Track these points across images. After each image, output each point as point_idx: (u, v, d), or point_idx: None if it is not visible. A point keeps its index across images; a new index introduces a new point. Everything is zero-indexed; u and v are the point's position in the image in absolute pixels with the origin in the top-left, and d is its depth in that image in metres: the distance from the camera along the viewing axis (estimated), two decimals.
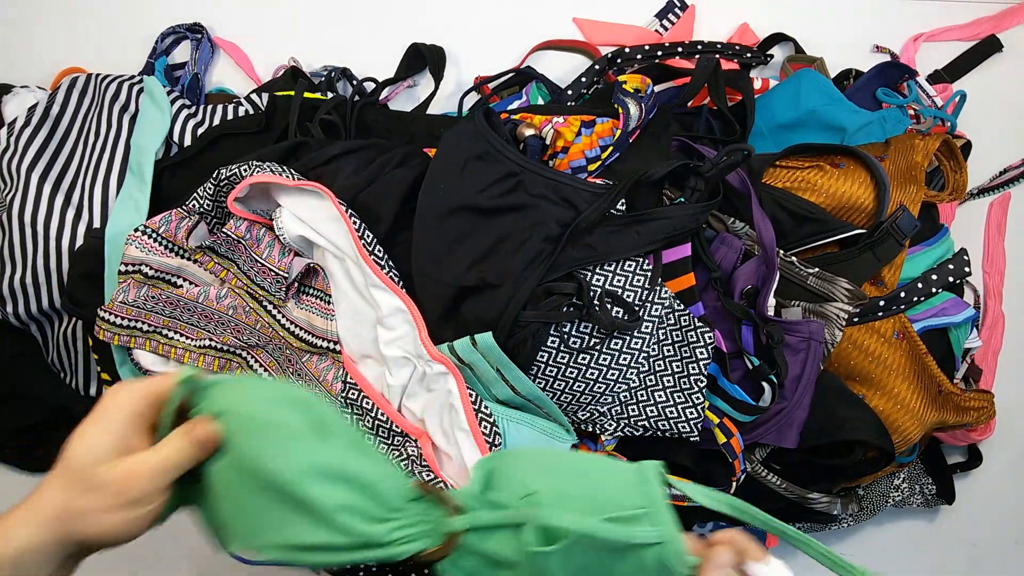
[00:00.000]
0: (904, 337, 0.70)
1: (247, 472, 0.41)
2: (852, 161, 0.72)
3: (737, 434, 0.64)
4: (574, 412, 0.65)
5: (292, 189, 0.63)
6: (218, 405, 0.42)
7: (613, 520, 0.41)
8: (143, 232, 0.65)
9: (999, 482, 0.89)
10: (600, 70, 0.82)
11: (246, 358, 0.66)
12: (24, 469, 0.83)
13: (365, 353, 0.64)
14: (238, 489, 0.41)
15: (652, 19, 0.89)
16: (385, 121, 0.79)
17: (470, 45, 0.87)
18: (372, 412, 0.62)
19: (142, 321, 0.64)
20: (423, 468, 0.59)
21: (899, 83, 0.85)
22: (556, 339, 0.61)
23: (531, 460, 0.45)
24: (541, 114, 0.71)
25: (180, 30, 0.85)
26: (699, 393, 0.62)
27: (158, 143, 0.73)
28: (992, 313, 0.86)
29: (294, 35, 0.87)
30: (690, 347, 0.63)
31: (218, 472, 0.42)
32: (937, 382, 0.71)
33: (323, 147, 0.69)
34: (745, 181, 0.69)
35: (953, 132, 0.83)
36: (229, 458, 0.41)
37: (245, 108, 0.78)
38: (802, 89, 0.79)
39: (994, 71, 0.90)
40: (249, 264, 0.65)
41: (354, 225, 0.61)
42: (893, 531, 0.89)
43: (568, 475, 0.44)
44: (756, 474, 0.71)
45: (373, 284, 0.62)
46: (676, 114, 0.76)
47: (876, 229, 0.68)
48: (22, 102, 0.76)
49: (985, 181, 0.88)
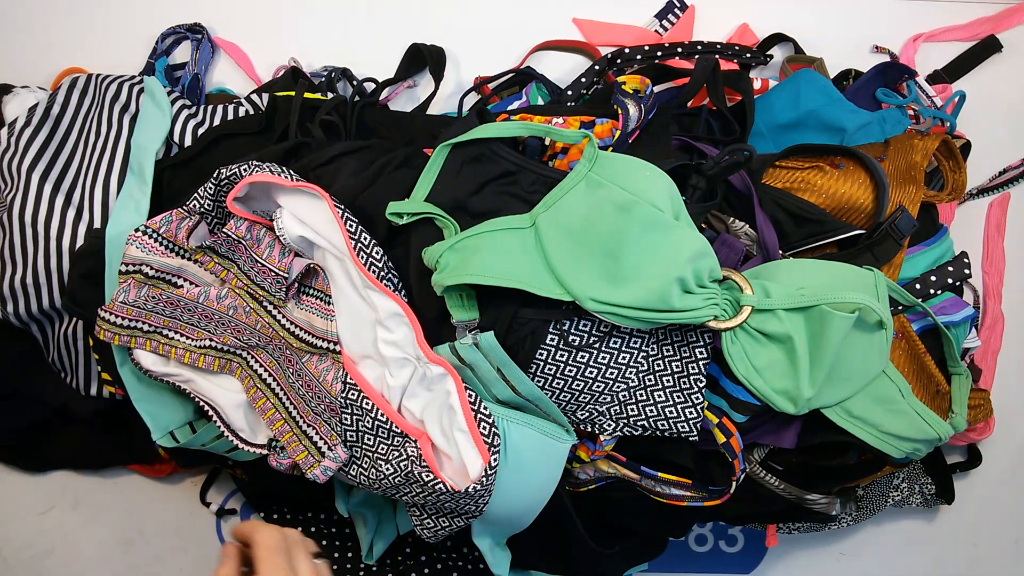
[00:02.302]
0: (903, 337, 0.70)
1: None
2: (852, 162, 0.72)
3: (736, 434, 0.64)
4: (573, 412, 0.65)
5: (291, 190, 0.63)
6: None
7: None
8: (144, 232, 0.65)
9: (999, 482, 0.89)
10: (600, 71, 0.82)
11: (246, 358, 0.66)
12: (24, 469, 0.83)
13: (365, 354, 0.64)
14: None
15: (652, 19, 0.89)
16: (385, 121, 0.79)
17: (470, 45, 0.87)
18: (372, 412, 0.62)
19: (142, 321, 0.64)
20: (423, 468, 0.59)
21: (899, 83, 0.85)
22: (555, 336, 0.61)
23: (791, 269, 0.63)
24: (541, 115, 0.71)
25: (180, 30, 0.85)
26: (699, 393, 0.62)
27: (158, 143, 0.73)
28: (992, 313, 0.86)
29: (294, 35, 0.87)
30: (690, 347, 0.63)
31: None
32: (935, 382, 0.71)
33: (323, 147, 0.69)
34: (746, 181, 0.69)
35: (952, 132, 0.83)
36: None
37: (245, 108, 0.78)
38: (802, 89, 0.79)
39: (994, 71, 0.90)
40: (249, 264, 0.65)
41: (349, 228, 0.61)
42: (893, 531, 0.89)
43: (822, 275, 0.62)
44: (754, 475, 0.71)
45: (368, 286, 0.62)
46: (675, 114, 0.76)
47: (875, 229, 0.69)
48: (23, 102, 0.76)
49: (984, 181, 0.88)
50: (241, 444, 0.65)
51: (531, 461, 0.62)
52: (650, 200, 0.58)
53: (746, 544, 0.88)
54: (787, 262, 0.66)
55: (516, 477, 0.61)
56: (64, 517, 0.83)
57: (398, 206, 0.62)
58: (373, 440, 0.63)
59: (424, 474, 0.59)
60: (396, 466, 0.60)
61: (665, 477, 0.66)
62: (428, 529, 0.65)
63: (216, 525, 0.84)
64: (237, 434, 0.65)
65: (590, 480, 0.70)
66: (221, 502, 0.84)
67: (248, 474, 0.77)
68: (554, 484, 0.64)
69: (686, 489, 0.66)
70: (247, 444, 0.65)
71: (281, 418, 0.65)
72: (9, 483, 0.83)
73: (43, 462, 0.83)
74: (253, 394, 0.65)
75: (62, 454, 0.81)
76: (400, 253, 0.65)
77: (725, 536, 0.88)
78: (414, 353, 0.61)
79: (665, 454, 0.67)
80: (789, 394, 0.61)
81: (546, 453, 0.62)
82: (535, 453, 0.62)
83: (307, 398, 0.64)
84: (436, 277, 0.59)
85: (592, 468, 0.69)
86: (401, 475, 0.60)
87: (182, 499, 0.84)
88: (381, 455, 0.62)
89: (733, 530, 0.88)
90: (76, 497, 0.83)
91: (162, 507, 0.84)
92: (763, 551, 0.88)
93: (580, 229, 0.59)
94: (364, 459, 0.63)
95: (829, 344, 0.59)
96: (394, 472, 0.60)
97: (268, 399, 0.65)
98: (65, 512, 0.83)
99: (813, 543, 0.88)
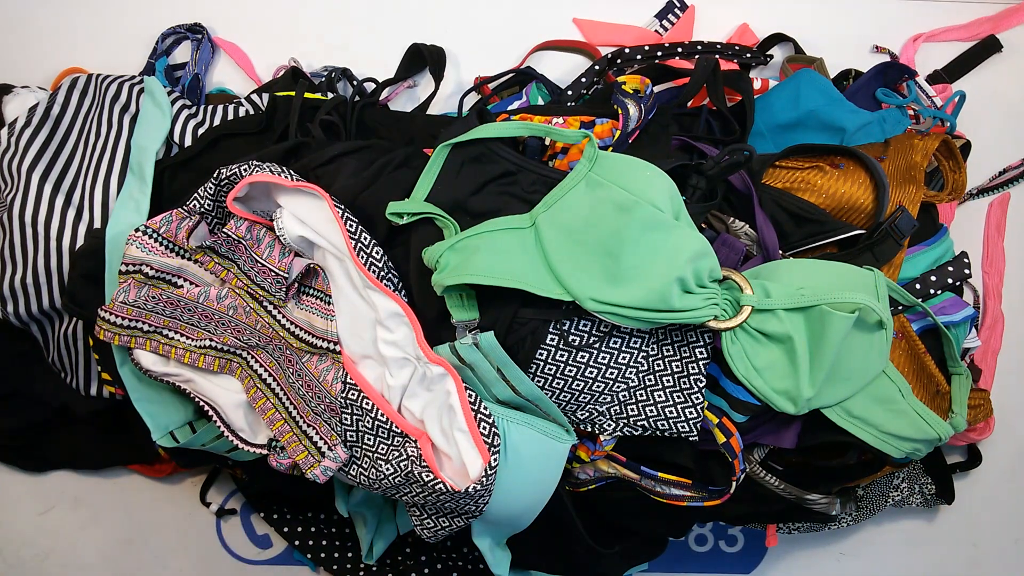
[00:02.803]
0: (903, 337, 0.70)
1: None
2: (852, 162, 0.72)
3: (736, 434, 0.64)
4: (573, 412, 0.65)
5: (291, 190, 0.63)
6: None
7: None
8: (144, 232, 0.65)
9: (999, 482, 0.89)
10: (600, 71, 0.82)
11: (246, 358, 0.66)
12: (24, 469, 0.83)
13: (365, 354, 0.64)
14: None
15: (652, 19, 0.89)
16: (385, 121, 0.79)
17: (470, 45, 0.87)
18: (372, 412, 0.62)
19: (143, 321, 0.64)
20: (423, 468, 0.59)
21: (899, 83, 0.85)
22: (555, 336, 0.61)
23: (791, 269, 0.63)
24: (541, 115, 0.71)
25: (180, 30, 0.85)
26: (699, 393, 0.62)
27: (159, 143, 0.73)
28: (992, 313, 0.86)
29: (294, 35, 0.87)
30: (690, 347, 0.63)
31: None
32: (936, 382, 0.71)
33: (323, 147, 0.69)
34: (746, 181, 0.69)
35: (952, 132, 0.83)
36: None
37: (245, 108, 0.78)
38: (802, 89, 0.79)
39: (993, 71, 0.90)
40: (249, 264, 0.65)
41: (349, 228, 0.61)
42: (893, 531, 0.89)
43: (822, 275, 0.62)
44: (754, 475, 0.71)
45: (368, 286, 0.62)
46: (675, 114, 0.76)
47: (875, 229, 0.69)
48: (23, 102, 0.76)
49: (984, 181, 0.88)
50: (241, 444, 0.65)
51: (531, 461, 0.62)
52: (650, 200, 0.58)
53: (746, 544, 0.88)
54: (787, 262, 0.66)
55: (516, 477, 0.61)
56: (64, 517, 0.83)
57: (398, 206, 0.62)
58: (373, 440, 0.63)
59: (424, 474, 0.59)
60: (396, 466, 0.60)
61: (665, 477, 0.66)
62: (428, 529, 0.65)
63: (216, 525, 0.84)
64: (237, 434, 0.65)
65: (590, 480, 0.70)
66: (221, 502, 0.84)
67: (248, 474, 0.77)
68: (554, 484, 0.64)
69: (686, 489, 0.66)
70: (247, 444, 0.65)
71: (281, 418, 0.65)
72: (9, 483, 0.83)
73: (43, 462, 0.83)
74: (253, 394, 0.65)
75: (62, 454, 0.81)
76: (400, 253, 0.65)
77: (725, 536, 0.88)
78: (414, 353, 0.61)
79: (665, 454, 0.67)
80: (789, 394, 0.61)
81: (546, 453, 0.62)
82: (535, 453, 0.62)
83: (307, 398, 0.64)
84: (436, 277, 0.59)
85: (592, 468, 0.69)
86: (401, 475, 0.60)
87: (182, 499, 0.84)
88: (381, 455, 0.62)
89: (733, 530, 0.88)
90: (76, 497, 0.83)
91: (162, 507, 0.84)
92: (763, 551, 0.88)
93: (580, 229, 0.59)
94: (364, 459, 0.63)
95: (829, 344, 0.59)
96: (394, 472, 0.60)
97: (268, 399, 0.65)
98: (65, 512, 0.83)
99: (813, 543, 0.88)
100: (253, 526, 0.85)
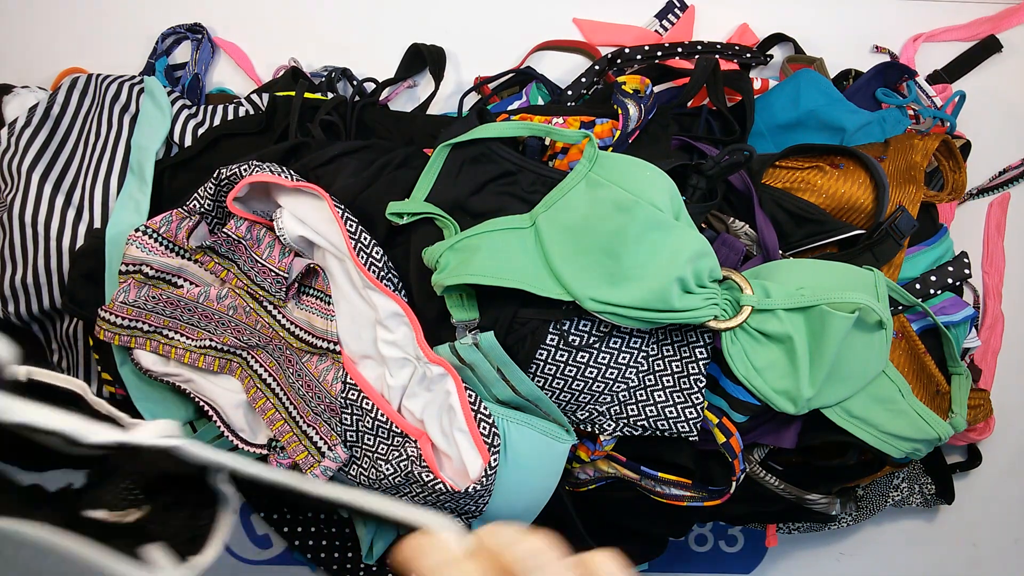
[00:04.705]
0: (903, 337, 0.70)
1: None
2: (852, 162, 0.72)
3: (736, 434, 0.64)
4: (573, 412, 0.65)
5: (291, 190, 0.63)
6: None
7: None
8: (144, 232, 0.65)
9: (999, 482, 0.89)
10: (600, 71, 0.82)
11: (246, 358, 0.66)
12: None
13: (365, 354, 0.64)
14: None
15: (652, 19, 0.89)
16: (385, 121, 0.79)
17: (470, 45, 0.87)
18: (372, 412, 0.62)
19: (143, 321, 0.64)
20: (423, 468, 0.59)
21: (898, 83, 0.85)
22: (555, 336, 0.61)
23: (791, 269, 0.63)
24: (541, 114, 0.71)
25: (180, 30, 0.85)
26: (698, 393, 0.62)
27: (159, 143, 0.73)
28: (992, 313, 0.86)
29: (294, 35, 0.87)
30: (690, 347, 0.63)
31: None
32: (936, 382, 0.71)
33: (324, 147, 0.69)
34: (746, 181, 0.69)
35: (952, 132, 0.83)
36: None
37: (245, 108, 0.78)
38: (802, 89, 0.79)
39: (993, 71, 0.90)
40: (249, 264, 0.65)
41: (349, 228, 0.61)
42: (893, 531, 0.89)
43: (822, 275, 0.62)
44: (754, 475, 0.71)
45: (368, 286, 0.62)
46: (675, 114, 0.76)
47: (875, 229, 0.69)
48: (23, 102, 0.76)
49: (984, 181, 0.88)
50: (241, 444, 0.65)
51: (531, 461, 0.62)
52: (650, 200, 0.58)
53: (746, 544, 0.88)
54: (787, 262, 0.66)
55: (516, 477, 0.61)
56: None
57: (398, 206, 0.62)
58: (373, 440, 0.63)
59: (424, 474, 0.59)
60: (396, 466, 0.60)
61: (665, 477, 0.66)
62: None
63: None
64: (237, 434, 0.65)
65: (590, 480, 0.70)
66: None
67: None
68: (554, 484, 0.64)
69: (686, 489, 0.66)
70: (247, 444, 0.65)
71: (281, 418, 0.65)
72: None
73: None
74: (253, 394, 0.65)
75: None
76: (400, 253, 0.65)
77: (725, 536, 0.88)
78: (414, 353, 0.61)
79: (665, 454, 0.67)
80: (789, 394, 0.61)
81: (546, 453, 0.62)
82: (535, 453, 0.62)
83: (307, 398, 0.64)
84: (436, 277, 0.59)
85: (592, 468, 0.69)
86: (401, 475, 0.60)
87: None
88: (381, 455, 0.62)
89: (733, 530, 0.88)
90: None
91: None
92: (763, 551, 0.88)
93: (580, 229, 0.59)
94: (364, 459, 0.63)
95: (829, 344, 0.59)
96: (394, 472, 0.60)
97: (268, 399, 0.65)
98: None
99: (813, 543, 0.88)
100: (253, 526, 0.85)
